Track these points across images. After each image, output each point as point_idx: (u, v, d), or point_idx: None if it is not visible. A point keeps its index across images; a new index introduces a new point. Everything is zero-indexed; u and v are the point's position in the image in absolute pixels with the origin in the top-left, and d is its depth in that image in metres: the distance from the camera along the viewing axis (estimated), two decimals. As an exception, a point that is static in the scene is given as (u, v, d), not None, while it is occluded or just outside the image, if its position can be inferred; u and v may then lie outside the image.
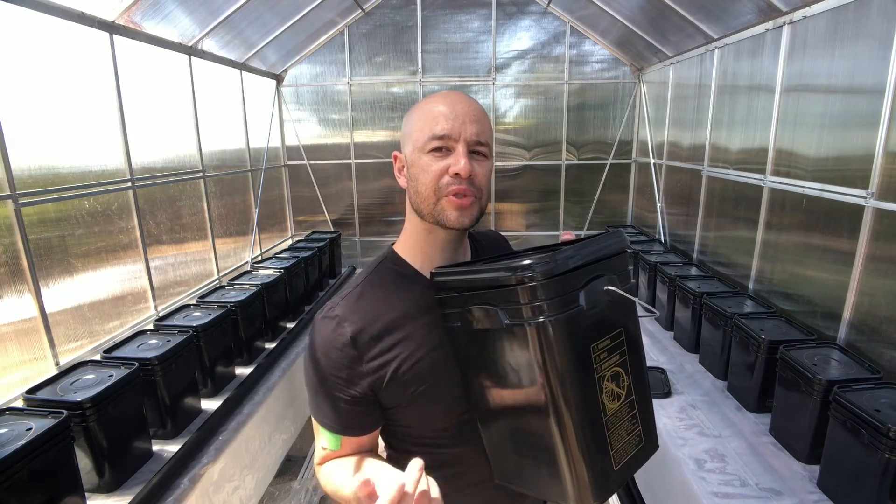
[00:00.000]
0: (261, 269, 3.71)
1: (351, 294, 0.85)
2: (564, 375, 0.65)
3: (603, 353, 0.70)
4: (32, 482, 1.53)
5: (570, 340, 0.66)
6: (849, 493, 1.71)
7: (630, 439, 0.73)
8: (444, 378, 0.80)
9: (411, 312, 0.82)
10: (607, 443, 0.69)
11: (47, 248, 2.30)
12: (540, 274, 0.64)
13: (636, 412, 0.75)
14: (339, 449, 0.84)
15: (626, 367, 0.73)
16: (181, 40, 3.33)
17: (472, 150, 0.80)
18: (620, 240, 0.78)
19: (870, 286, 2.13)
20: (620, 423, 0.72)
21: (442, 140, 0.79)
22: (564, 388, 0.65)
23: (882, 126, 2.04)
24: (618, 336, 0.72)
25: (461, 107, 0.80)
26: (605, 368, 0.70)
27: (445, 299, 0.78)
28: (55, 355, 2.28)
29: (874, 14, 2.11)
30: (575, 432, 0.66)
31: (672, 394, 2.55)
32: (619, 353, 0.73)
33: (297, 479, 2.89)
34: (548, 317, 0.64)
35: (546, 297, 0.64)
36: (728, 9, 3.06)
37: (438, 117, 0.79)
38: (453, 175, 0.78)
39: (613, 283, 0.71)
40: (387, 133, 5.17)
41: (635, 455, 0.74)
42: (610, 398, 0.70)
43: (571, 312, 0.66)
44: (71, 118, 2.50)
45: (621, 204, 5.34)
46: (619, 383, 0.72)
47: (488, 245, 1.01)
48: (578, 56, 4.97)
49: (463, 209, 0.79)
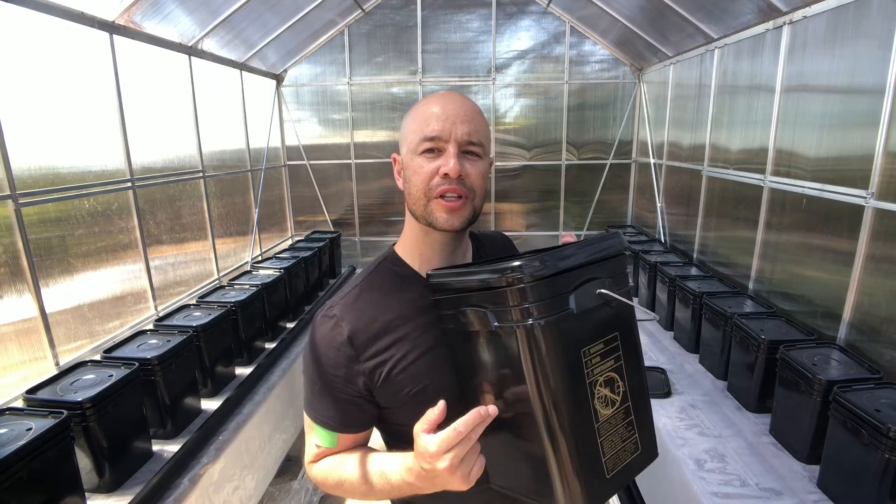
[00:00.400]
0: (261, 269, 3.71)
1: (350, 294, 0.85)
2: (553, 379, 0.64)
3: (595, 358, 0.69)
4: (32, 482, 1.53)
5: (559, 344, 0.65)
6: (849, 493, 1.71)
7: (625, 446, 0.72)
8: (440, 379, 0.80)
9: (408, 313, 0.83)
10: (599, 449, 0.68)
11: (47, 248, 2.30)
12: (528, 276, 0.63)
13: (632, 419, 0.73)
14: (334, 446, 0.85)
15: (622, 372, 0.72)
16: (181, 40, 3.33)
17: (464, 151, 0.80)
18: (617, 241, 0.76)
19: (870, 286, 2.13)
20: (614, 429, 0.70)
21: (433, 141, 0.79)
22: (553, 393, 0.65)
23: (882, 126, 2.04)
24: (612, 341, 0.71)
25: (452, 107, 0.80)
26: (597, 373, 0.69)
27: (440, 301, 0.77)
28: (55, 355, 2.28)
29: (874, 14, 2.11)
30: (564, 438, 0.65)
31: (672, 394, 2.55)
32: (614, 357, 0.71)
33: (297, 479, 2.89)
34: (536, 319, 0.63)
35: (535, 299, 0.63)
36: (728, 9, 3.06)
37: (430, 118, 0.80)
38: (443, 176, 0.78)
39: (607, 286, 0.70)
40: (387, 133, 5.17)
41: (631, 462, 0.73)
42: (603, 404, 0.69)
43: (561, 315, 0.65)
44: (71, 118, 2.50)
45: (621, 204, 5.34)
46: (614, 389, 0.71)
47: (490, 246, 1.01)
48: (578, 56, 4.97)
49: (452, 211, 0.79)
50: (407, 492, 0.77)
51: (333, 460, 0.86)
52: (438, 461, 0.67)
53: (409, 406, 0.80)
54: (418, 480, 0.72)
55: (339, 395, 0.82)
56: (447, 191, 0.78)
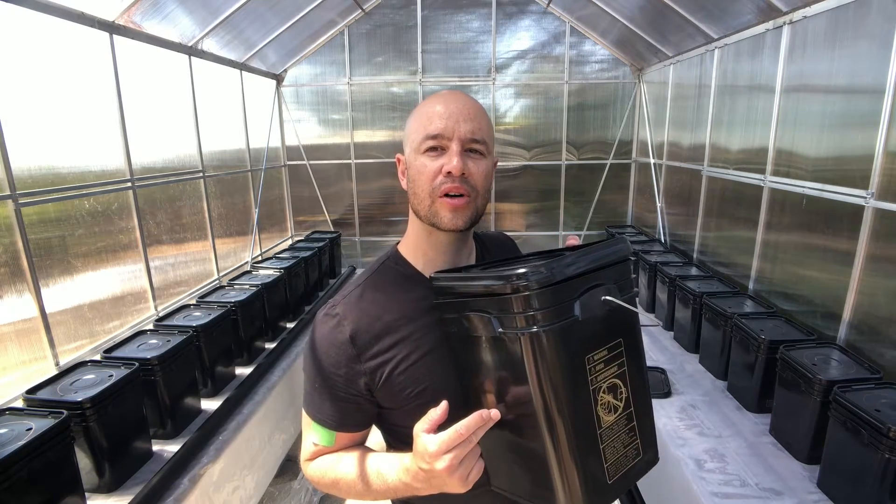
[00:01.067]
0: (261, 269, 3.71)
1: (352, 293, 0.85)
2: (557, 387, 0.64)
3: (599, 365, 0.68)
4: (32, 482, 1.53)
5: (564, 351, 0.64)
6: (849, 494, 1.71)
7: (627, 452, 0.72)
8: (441, 381, 0.80)
9: (411, 314, 0.82)
10: (601, 455, 0.68)
11: (47, 248, 2.30)
12: (534, 283, 0.63)
13: (634, 424, 0.73)
14: (331, 445, 0.85)
15: (625, 378, 0.72)
16: (181, 40, 3.33)
17: (468, 149, 0.79)
18: (623, 247, 0.75)
19: (870, 286, 2.13)
20: (616, 435, 0.70)
21: (436, 139, 0.79)
22: (557, 400, 0.65)
23: (882, 126, 2.04)
24: (616, 347, 0.71)
25: (455, 105, 0.79)
26: (601, 380, 0.68)
27: (443, 304, 0.77)
28: (55, 355, 2.28)
29: (874, 14, 2.11)
30: (567, 444, 0.65)
31: (672, 394, 2.55)
32: (618, 364, 0.71)
33: (297, 479, 2.89)
34: (541, 327, 0.63)
35: (540, 306, 0.63)
36: (728, 9, 3.06)
37: (433, 117, 0.79)
38: (446, 174, 0.78)
39: (612, 292, 0.69)
40: (387, 133, 5.17)
41: (632, 468, 0.73)
42: (606, 410, 0.69)
43: (566, 323, 0.64)
44: (71, 118, 2.50)
45: (621, 204, 5.34)
46: (617, 395, 0.71)
47: (493, 247, 1.00)
48: (578, 56, 4.97)
49: (456, 210, 0.79)
50: (403, 493, 0.77)
51: (330, 459, 0.85)
52: (437, 461, 0.67)
53: (410, 407, 0.80)
54: (415, 481, 0.72)
55: (339, 393, 0.81)
56: (451, 189, 0.78)
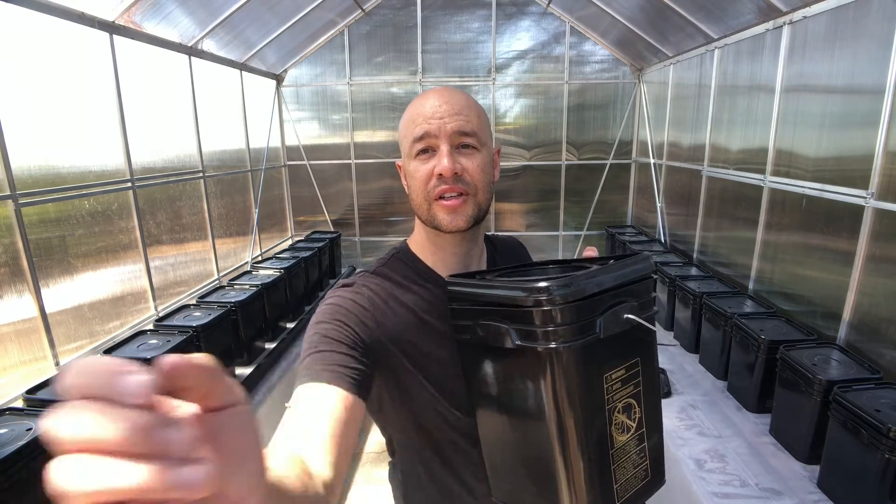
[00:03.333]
0: (261, 269, 3.71)
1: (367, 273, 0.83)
2: (573, 405, 0.62)
3: (616, 384, 0.66)
4: (32, 482, 1.53)
5: (584, 369, 0.62)
6: (849, 494, 1.70)
7: (636, 472, 0.70)
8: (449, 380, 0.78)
9: (423, 307, 0.80)
10: (612, 476, 0.66)
11: (47, 248, 2.30)
12: (559, 297, 0.60)
13: (645, 445, 0.71)
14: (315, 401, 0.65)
15: (640, 398, 0.70)
16: (181, 40, 3.33)
17: (458, 144, 0.76)
18: (647, 265, 0.73)
19: (870, 286, 2.12)
20: (627, 456, 0.69)
21: (423, 141, 0.76)
22: (573, 418, 0.63)
23: (882, 126, 2.04)
24: (633, 366, 0.69)
25: (438, 102, 0.77)
26: (616, 399, 0.66)
27: (457, 310, 0.75)
28: (55, 355, 2.28)
29: (874, 14, 2.11)
30: (581, 463, 0.63)
31: (672, 394, 2.55)
32: (634, 383, 0.69)
33: (297, 479, 2.89)
34: (562, 343, 0.61)
35: (562, 322, 0.61)
36: (728, 9, 3.06)
37: (417, 118, 0.77)
38: (437, 176, 0.75)
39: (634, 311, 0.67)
40: (387, 133, 5.17)
41: (640, 489, 0.71)
42: (619, 430, 0.67)
43: (587, 340, 0.62)
44: (71, 118, 2.50)
45: (621, 204, 5.34)
46: (630, 415, 0.69)
47: (504, 251, 0.98)
48: (578, 56, 4.97)
49: (454, 211, 0.76)
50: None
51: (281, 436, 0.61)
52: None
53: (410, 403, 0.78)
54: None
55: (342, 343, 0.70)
56: (445, 191, 0.75)
